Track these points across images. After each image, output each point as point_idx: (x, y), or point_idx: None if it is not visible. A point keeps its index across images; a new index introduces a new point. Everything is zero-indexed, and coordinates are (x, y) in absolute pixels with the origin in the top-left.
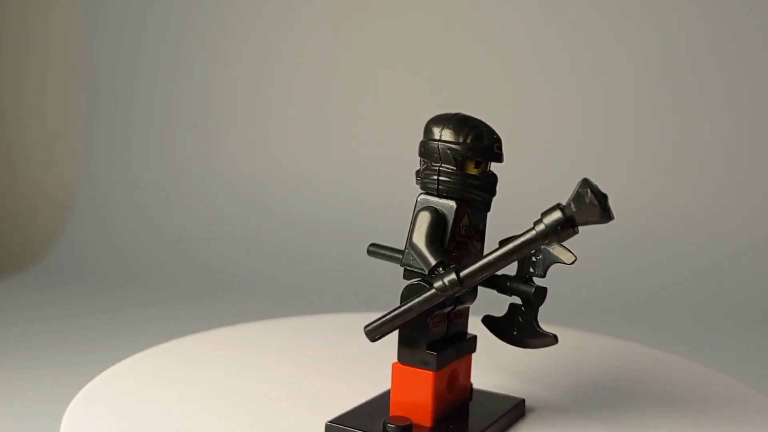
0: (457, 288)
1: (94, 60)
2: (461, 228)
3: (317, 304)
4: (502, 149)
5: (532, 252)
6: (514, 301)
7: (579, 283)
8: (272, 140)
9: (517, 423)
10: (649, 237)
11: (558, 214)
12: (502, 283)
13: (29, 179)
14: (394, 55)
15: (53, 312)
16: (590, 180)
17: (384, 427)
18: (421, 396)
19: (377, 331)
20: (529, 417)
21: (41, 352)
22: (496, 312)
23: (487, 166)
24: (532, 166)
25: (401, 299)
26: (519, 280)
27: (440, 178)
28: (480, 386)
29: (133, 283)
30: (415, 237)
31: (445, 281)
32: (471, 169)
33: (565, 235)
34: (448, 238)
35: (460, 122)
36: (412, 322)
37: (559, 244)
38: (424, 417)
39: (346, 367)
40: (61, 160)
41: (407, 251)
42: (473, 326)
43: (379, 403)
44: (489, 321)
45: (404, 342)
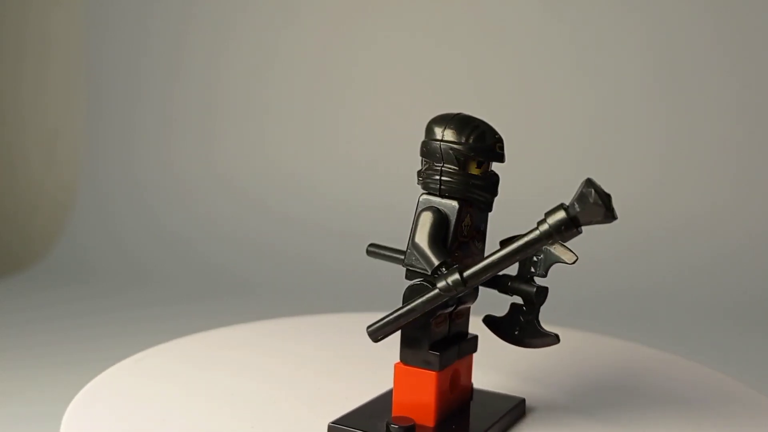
0: (461, 288)
1: (94, 60)
2: (463, 228)
3: (317, 304)
4: (503, 149)
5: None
6: (516, 300)
7: (579, 283)
8: (272, 140)
9: (517, 423)
10: (649, 237)
11: (562, 214)
12: (503, 283)
13: (29, 179)
14: (394, 55)
15: (53, 312)
16: (593, 180)
17: (387, 428)
18: (424, 396)
19: (380, 332)
20: (529, 417)
21: (41, 352)
22: (496, 312)
23: (489, 166)
24: (533, 166)
25: (403, 299)
26: (520, 279)
27: (442, 178)
28: (481, 386)
29: (133, 283)
30: (418, 237)
31: (449, 281)
32: (473, 169)
33: (569, 235)
34: (450, 238)
35: (462, 122)
36: (415, 323)
37: (561, 244)
38: (427, 417)
39: (346, 368)
40: (61, 160)
41: (410, 251)
42: (474, 326)
43: (380, 404)
44: (490, 321)
45: (407, 342)
